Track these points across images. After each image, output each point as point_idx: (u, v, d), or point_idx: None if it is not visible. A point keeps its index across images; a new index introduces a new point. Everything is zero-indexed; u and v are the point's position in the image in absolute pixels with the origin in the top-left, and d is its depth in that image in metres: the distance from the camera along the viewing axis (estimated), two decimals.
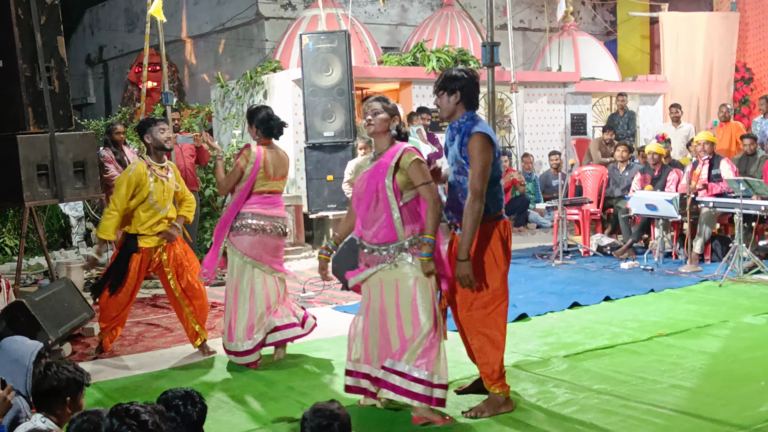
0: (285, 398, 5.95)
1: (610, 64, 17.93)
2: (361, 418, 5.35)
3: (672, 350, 6.80)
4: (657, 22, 18.84)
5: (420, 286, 5.15)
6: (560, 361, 6.54)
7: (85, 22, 23.74)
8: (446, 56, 14.00)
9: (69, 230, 14.10)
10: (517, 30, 18.63)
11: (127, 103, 19.72)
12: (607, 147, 14.17)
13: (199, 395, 3.73)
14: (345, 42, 11.91)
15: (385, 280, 5.25)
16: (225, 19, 17.94)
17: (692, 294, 9.10)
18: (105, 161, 10.67)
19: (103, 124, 14.38)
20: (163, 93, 10.67)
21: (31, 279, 11.17)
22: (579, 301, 8.66)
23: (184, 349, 7.48)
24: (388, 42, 18.23)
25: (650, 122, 16.92)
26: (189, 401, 3.64)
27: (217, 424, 5.43)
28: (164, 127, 7.26)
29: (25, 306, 6.97)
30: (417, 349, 5.12)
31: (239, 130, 13.68)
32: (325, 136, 11.85)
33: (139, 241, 7.11)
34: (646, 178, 11.75)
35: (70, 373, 3.89)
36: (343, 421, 3.55)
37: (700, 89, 17.73)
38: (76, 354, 7.44)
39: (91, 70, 23.82)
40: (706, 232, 10.67)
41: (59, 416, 3.85)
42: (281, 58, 14.60)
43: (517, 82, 14.61)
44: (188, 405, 3.63)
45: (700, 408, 5.38)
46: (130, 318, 8.80)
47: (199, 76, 19.23)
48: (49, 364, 3.94)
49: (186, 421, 3.60)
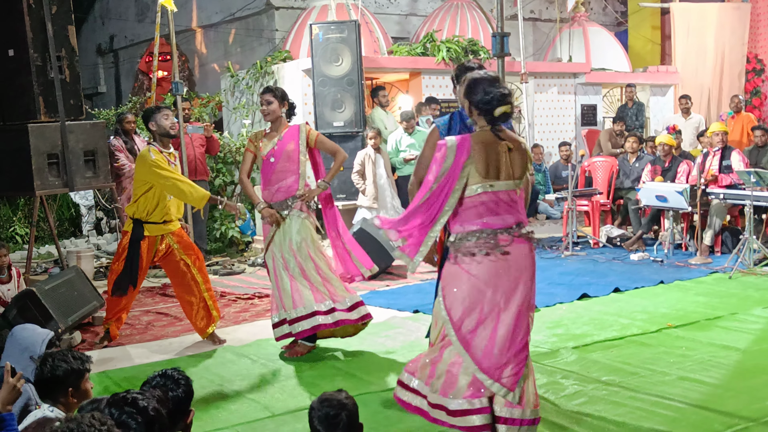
0: (293, 388, 5.97)
1: (621, 55, 17.87)
2: (368, 407, 5.37)
3: (681, 342, 6.79)
4: (668, 13, 18.75)
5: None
6: (569, 353, 6.54)
7: (95, 12, 23.76)
8: (456, 46, 13.97)
9: (79, 219, 14.14)
10: (527, 20, 18.56)
11: (138, 92, 19.73)
12: (618, 138, 14.13)
13: (179, 372, 3.71)
14: (355, 32, 11.89)
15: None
16: (235, 9, 17.93)
17: (702, 286, 9.09)
18: (115, 150, 10.69)
19: (114, 114, 14.41)
20: (173, 83, 10.67)
21: (41, 267, 11.21)
22: (588, 293, 8.66)
23: (193, 338, 7.50)
24: (398, 32, 18.20)
25: (661, 113, 16.85)
26: (170, 382, 3.62)
27: (225, 413, 5.45)
28: (168, 114, 7.25)
29: (35, 294, 7.01)
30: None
31: (249, 119, 13.69)
32: (335, 126, 11.84)
33: (145, 229, 7.09)
34: (657, 170, 11.72)
35: (67, 363, 3.86)
36: (350, 410, 3.56)
37: (711, 80, 17.65)
38: (86, 342, 7.47)
39: (102, 59, 23.84)
40: (716, 223, 10.65)
41: (64, 404, 3.86)
42: (291, 48, 14.59)
43: (528, 72, 14.56)
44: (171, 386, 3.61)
45: (709, 400, 5.38)
46: (140, 307, 8.85)
47: (209, 65, 19.23)
48: (47, 355, 3.94)
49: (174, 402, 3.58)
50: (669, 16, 18.58)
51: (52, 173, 9.09)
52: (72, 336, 7.36)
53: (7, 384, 3.68)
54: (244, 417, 5.39)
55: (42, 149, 8.90)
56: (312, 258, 6.68)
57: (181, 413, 3.61)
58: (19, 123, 9.01)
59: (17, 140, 8.97)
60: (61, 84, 8.97)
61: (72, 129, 9.11)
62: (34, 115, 8.91)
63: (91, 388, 4.00)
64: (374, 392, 5.76)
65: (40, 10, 8.86)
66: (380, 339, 7.19)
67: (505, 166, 4.43)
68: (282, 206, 6.76)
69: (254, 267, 11.07)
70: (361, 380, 6.08)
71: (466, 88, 4.55)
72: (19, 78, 9.01)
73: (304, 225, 6.73)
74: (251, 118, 13.73)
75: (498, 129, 4.48)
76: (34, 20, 8.89)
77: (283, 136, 6.81)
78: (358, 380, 6.09)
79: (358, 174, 10.97)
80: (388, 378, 6.08)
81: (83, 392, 3.92)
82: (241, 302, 8.89)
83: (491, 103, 4.43)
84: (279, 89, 6.87)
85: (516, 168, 4.48)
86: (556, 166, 14.33)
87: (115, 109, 16.12)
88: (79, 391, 3.89)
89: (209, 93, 16.03)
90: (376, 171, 10.85)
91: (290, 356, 6.72)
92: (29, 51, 8.87)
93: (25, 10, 8.82)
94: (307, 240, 6.70)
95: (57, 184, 9.17)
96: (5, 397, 3.67)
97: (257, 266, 11.02)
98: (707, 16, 17.74)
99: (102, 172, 9.56)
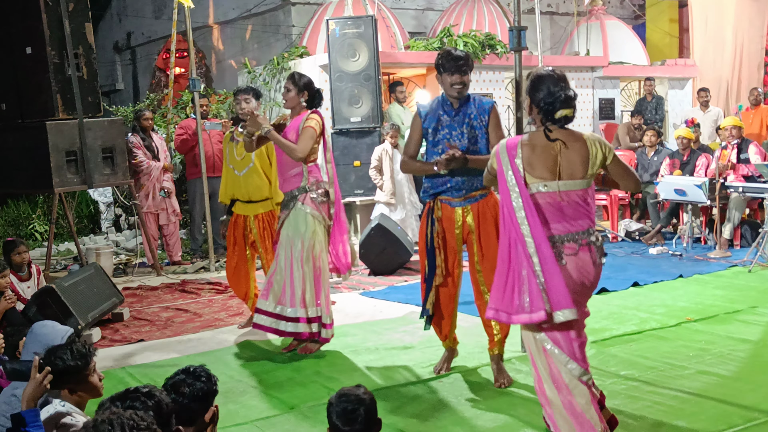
0: (311, 383, 5.98)
1: (639, 48, 17.76)
2: (386, 402, 5.37)
3: (700, 336, 6.76)
4: (686, 5, 18.63)
5: None
6: (588, 347, 6.51)
7: (112, 9, 23.83)
8: (473, 41, 13.94)
9: (98, 216, 14.22)
10: (544, 14, 18.49)
11: (155, 89, 19.79)
12: (636, 132, 14.08)
13: (203, 369, 3.71)
14: (372, 27, 11.87)
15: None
16: (252, 5, 17.94)
17: (721, 279, 9.04)
18: (133, 147, 10.74)
19: (131, 111, 14.46)
20: (190, 79, 10.70)
21: (60, 265, 11.28)
22: (607, 287, 8.62)
23: (212, 334, 7.54)
24: (415, 27, 18.17)
25: (679, 106, 16.76)
26: (190, 378, 3.63)
27: (244, 409, 5.47)
28: (243, 98, 7.41)
29: (55, 291, 7.04)
30: None
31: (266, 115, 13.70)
32: (352, 122, 11.84)
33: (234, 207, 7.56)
34: (675, 163, 11.66)
35: (66, 358, 3.81)
36: (368, 405, 3.55)
37: (730, 73, 17.51)
38: (106, 339, 7.51)
39: (119, 56, 23.91)
40: (735, 217, 10.59)
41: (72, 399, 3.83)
42: (308, 43, 14.58)
43: (545, 66, 14.50)
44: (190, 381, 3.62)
45: (728, 394, 5.36)
46: (159, 303, 8.89)
47: (226, 62, 19.26)
48: (50, 349, 3.88)
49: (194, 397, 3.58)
50: (687, 9, 18.46)
51: (71, 170, 9.14)
52: (91, 333, 7.40)
53: (34, 380, 3.62)
54: (263, 412, 5.41)
55: (60, 147, 8.95)
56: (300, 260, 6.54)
57: (199, 410, 3.61)
58: (38, 121, 9.06)
59: (36, 138, 9.03)
60: (78, 81, 9.02)
61: (90, 126, 9.15)
62: (52, 113, 8.96)
63: (100, 382, 3.94)
64: (393, 387, 5.77)
65: (57, 7, 8.91)
66: (398, 334, 7.20)
67: (562, 166, 4.21)
68: (289, 197, 6.65)
69: None
70: (379, 375, 6.09)
71: (530, 84, 4.35)
72: (36, 76, 9.06)
73: (306, 221, 6.56)
74: (268, 113, 13.75)
75: (549, 128, 4.26)
76: (52, 18, 8.93)
77: (291, 122, 6.67)
78: (376, 375, 6.10)
79: (376, 169, 10.96)
80: (406, 373, 6.09)
81: (90, 386, 3.88)
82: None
83: (554, 104, 4.24)
84: (303, 77, 6.69)
85: (575, 166, 4.22)
86: None
87: (133, 106, 16.18)
88: (84, 385, 3.85)
89: (226, 89, 16.04)
90: (393, 167, 10.84)
91: (302, 353, 6.69)
92: (47, 49, 8.93)
93: (42, 8, 8.87)
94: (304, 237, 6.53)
95: (75, 182, 9.22)
96: (31, 393, 3.60)
97: None
98: (725, 8, 17.59)
99: (120, 169, 9.61)
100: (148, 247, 10.83)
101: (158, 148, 11.16)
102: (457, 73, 5.67)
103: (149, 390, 3.34)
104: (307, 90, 6.67)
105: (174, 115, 13.57)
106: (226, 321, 7.99)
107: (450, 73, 5.68)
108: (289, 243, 6.57)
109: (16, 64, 9.35)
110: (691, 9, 17.78)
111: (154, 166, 10.94)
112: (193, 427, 3.58)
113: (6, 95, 9.59)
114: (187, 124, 11.30)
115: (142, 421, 2.76)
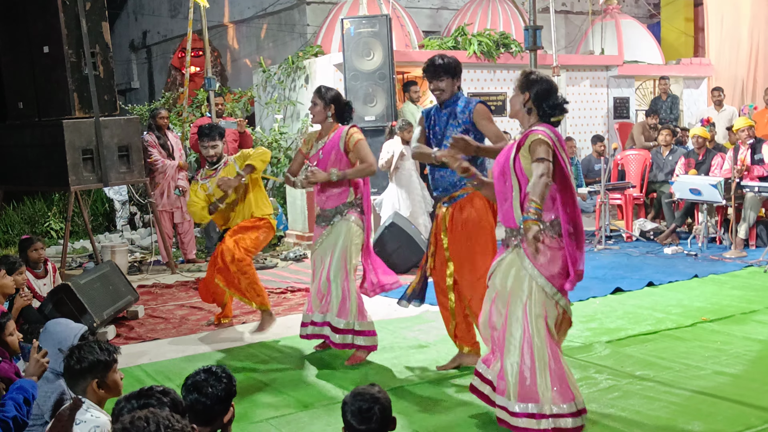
0: (326, 382, 5.98)
1: (654, 47, 17.72)
2: (401, 401, 5.37)
3: (716, 336, 6.74)
4: (701, 4, 18.57)
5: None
6: (603, 347, 6.51)
7: (128, 8, 23.92)
8: (488, 40, 13.93)
9: (113, 214, 14.27)
10: (559, 13, 18.46)
11: (171, 88, 19.85)
12: (651, 131, 14.04)
13: (224, 370, 3.73)
14: (386, 26, 11.88)
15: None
16: (267, 4, 17.99)
17: (737, 279, 9.00)
18: (149, 146, 10.78)
19: (147, 109, 14.52)
20: (206, 78, 10.74)
21: (76, 262, 11.33)
22: (622, 287, 8.60)
23: (228, 332, 7.57)
24: (430, 26, 18.18)
25: (694, 106, 16.71)
26: (212, 378, 3.64)
27: (258, 407, 5.47)
28: (209, 145, 7.59)
29: (71, 289, 7.07)
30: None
31: (281, 114, 13.72)
32: (367, 121, 11.84)
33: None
34: (690, 163, 11.62)
35: (94, 354, 3.83)
36: (383, 404, 3.56)
37: (746, 72, 17.43)
38: (121, 337, 7.54)
39: (135, 55, 24.00)
40: (750, 216, 10.55)
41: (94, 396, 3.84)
42: (323, 42, 14.60)
43: (560, 65, 14.45)
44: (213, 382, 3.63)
45: (745, 394, 5.33)
46: (173, 301, 8.93)
47: (241, 61, 19.31)
48: (75, 346, 3.91)
49: (217, 399, 3.60)
50: (702, 8, 18.40)
51: (87, 168, 9.18)
52: (106, 330, 7.43)
53: (32, 358, 4.44)
54: (277, 411, 5.41)
55: (77, 145, 8.99)
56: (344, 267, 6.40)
57: (220, 411, 3.63)
58: (54, 119, 9.11)
59: (52, 136, 9.08)
60: (95, 80, 9.06)
61: (106, 124, 9.19)
62: (68, 111, 9.00)
63: (120, 380, 3.97)
64: (408, 386, 5.77)
65: (74, 6, 8.96)
66: (413, 333, 7.20)
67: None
68: (333, 213, 6.46)
69: (286, 261, 11.09)
70: (394, 374, 6.10)
71: (541, 87, 4.61)
72: (53, 74, 9.11)
73: (350, 230, 6.40)
74: (283, 112, 13.77)
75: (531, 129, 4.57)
76: (69, 17, 8.98)
77: (328, 140, 6.49)
78: (391, 374, 6.10)
79: (386, 163, 10.94)
80: (421, 372, 6.08)
81: (112, 384, 3.89)
82: (274, 296, 8.90)
83: (556, 110, 4.62)
84: (329, 90, 6.54)
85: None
86: (589, 159, 14.25)
87: (149, 104, 16.24)
88: (107, 383, 3.87)
89: (241, 88, 16.09)
90: (403, 164, 10.81)
91: (350, 363, 6.41)
92: (64, 47, 8.97)
93: (59, 7, 8.92)
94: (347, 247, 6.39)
95: (91, 180, 9.26)
96: (30, 370, 4.47)
97: (289, 260, 11.05)
98: (741, 7, 17.51)
99: (136, 168, 9.65)
100: (162, 245, 10.86)
101: (173, 146, 11.19)
102: (434, 80, 5.96)
103: (164, 389, 3.37)
104: (334, 103, 6.51)
105: (189, 114, 13.61)
106: (240, 318, 8.01)
107: (429, 81, 6.01)
108: (329, 254, 6.42)
109: (33, 63, 9.41)
110: (706, 8, 17.72)
111: (169, 165, 10.97)
112: (209, 428, 3.59)
113: (23, 94, 9.65)
114: (202, 122, 11.33)
115: (178, 423, 2.78)
